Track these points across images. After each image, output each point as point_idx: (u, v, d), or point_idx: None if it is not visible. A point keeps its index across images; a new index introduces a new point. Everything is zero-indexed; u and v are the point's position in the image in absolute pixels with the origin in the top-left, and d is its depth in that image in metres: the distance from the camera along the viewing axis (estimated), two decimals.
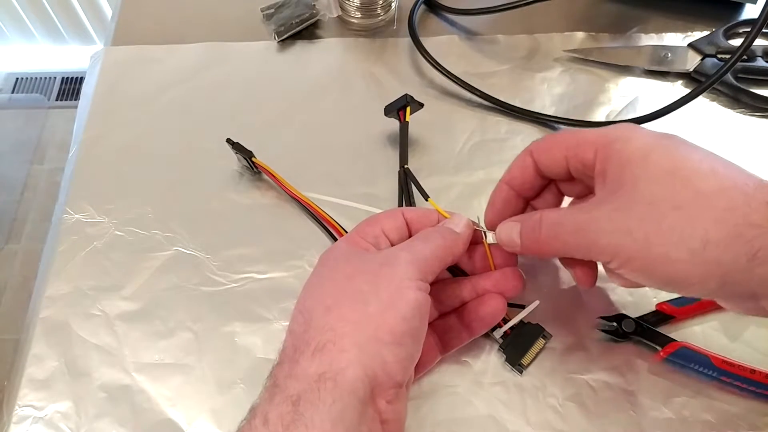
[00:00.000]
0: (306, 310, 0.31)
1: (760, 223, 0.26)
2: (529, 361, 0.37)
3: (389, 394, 0.29)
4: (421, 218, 0.36)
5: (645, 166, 0.29)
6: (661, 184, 0.28)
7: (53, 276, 0.42)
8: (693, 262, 0.27)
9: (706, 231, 0.27)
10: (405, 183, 0.43)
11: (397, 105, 0.45)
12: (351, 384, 0.28)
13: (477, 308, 0.35)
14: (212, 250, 0.43)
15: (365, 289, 0.30)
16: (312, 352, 0.29)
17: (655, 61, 0.51)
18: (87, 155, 0.48)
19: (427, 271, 0.31)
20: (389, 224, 0.35)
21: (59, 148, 1.50)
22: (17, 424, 0.37)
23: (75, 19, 1.48)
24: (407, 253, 0.32)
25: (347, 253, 0.33)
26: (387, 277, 0.30)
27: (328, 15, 0.55)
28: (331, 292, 0.31)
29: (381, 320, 0.29)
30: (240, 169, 0.47)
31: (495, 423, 0.36)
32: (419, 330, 0.30)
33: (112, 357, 0.39)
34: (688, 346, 0.36)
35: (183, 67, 0.53)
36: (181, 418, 0.36)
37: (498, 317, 0.35)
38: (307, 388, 0.27)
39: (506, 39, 0.54)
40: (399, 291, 0.30)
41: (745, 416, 0.35)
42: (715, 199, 0.27)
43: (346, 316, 0.29)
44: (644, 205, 0.28)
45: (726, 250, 0.26)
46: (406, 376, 0.30)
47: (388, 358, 0.29)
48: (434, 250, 0.32)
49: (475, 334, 0.36)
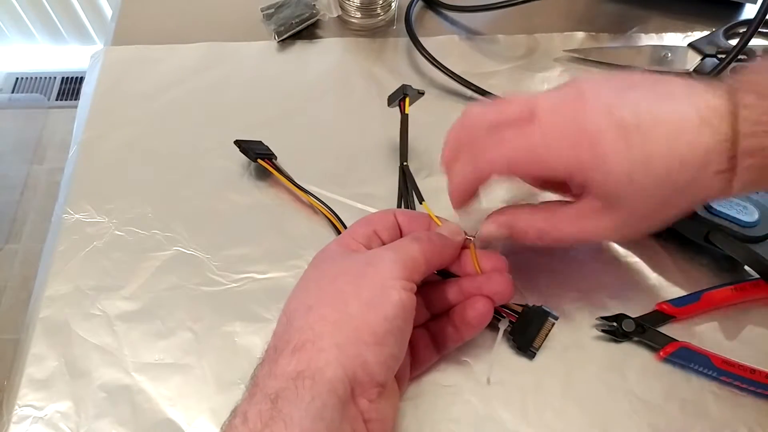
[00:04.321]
0: (289, 311, 0.31)
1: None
2: (540, 343, 0.36)
3: (371, 394, 0.29)
4: (412, 222, 0.36)
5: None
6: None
7: (53, 276, 0.42)
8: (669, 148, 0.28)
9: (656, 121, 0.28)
10: (404, 182, 0.43)
11: (397, 96, 0.44)
12: (330, 383, 0.28)
13: (463, 312, 0.35)
14: (212, 250, 0.43)
15: (347, 289, 0.30)
16: (291, 351, 0.29)
17: (655, 61, 0.51)
18: (87, 155, 0.48)
19: (414, 271, 0.31)
20: (381, 225, 0.35)
21: (59, 148, 1.50)
22: (17, 424, 0.37)
23: (75, 19, 1.48)
24: (393, 252, 0.31)
25: (335, 254, 0.33)
26: (370, 276, 0.30)
27: (328, 15, 0.55)
28: (314, 293, 0.31)
29: (362, 320, 0.29)
30: (240, 169, 0.47)
31: (495, 423, 0.36)
32: (403, 330, 0.30)
33: (112, 357, 0.39)
34: (688, 346, 0.36)
35: (183, 67, 0.53)
36: (181, 418, 0.36)
37: (484, 321, 0.35)
38: (285, 386, 0.28)
39: (506, 39, 0.54)
40: (383, 290, 0.30)
41: (745, 416, 0.35)
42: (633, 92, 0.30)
43: (326, 316, 0.29)
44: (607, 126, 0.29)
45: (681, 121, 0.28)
46: (389, 376, 0.30)
47: (369, 358, 0.29)
48: (422, 251, 0.32)
49: (466, 337, 0.36)
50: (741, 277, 0.39)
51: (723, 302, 0.38)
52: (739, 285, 0.38)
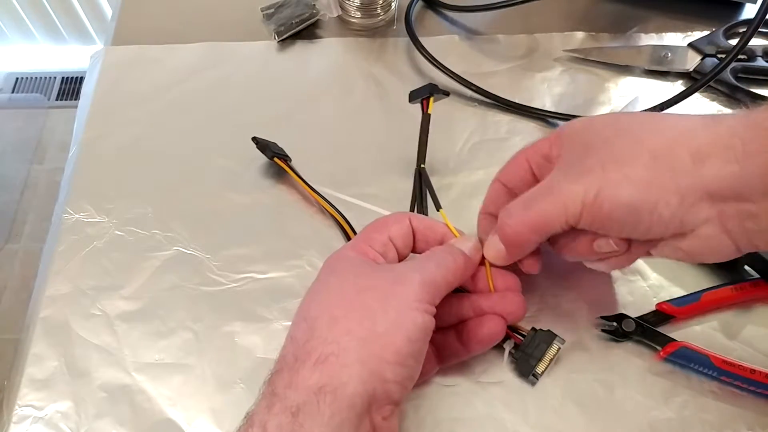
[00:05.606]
0: (310, 318, 0.31)
1: (694, 127, 0.29)
2: (543, 369, 0.35)
3: (385, 411, 0.29)
4: (427, 230, 0.35)
5: (588, 126, 0.32)
6: (605, 128, 0.31)
7: (53, 276, 0.42)
8: (648, 179, 0.28)
9: (652, 146, 0.29)
10: (419, 185, 0.41)
11: (421, 94, 0.43)
12: (350, 399, 0.28)
13: (476, 328, 0.34)
14: (212, 250, 0.43)
15: (375, 306, 0.30)
16: (313, 363, 0.28)
17: (655, 60, 0.51)
18: (87, 155, 0.48)
19: (436, 295, 0.31)
20: (396, 231, 0.34)
21: (59, 148, 1.50)
22: (17, 424, 0.37)
23: (75, 19, 1.48)
24: (420, 274, 0.31)
25: (356, 263, 0.33)
26: (398, 296, 0.30)
27: (328, 15, 0.55)
28: (338, 303, 0.31)
29: (387, 340, 0.29)
30: (240, 169, 0.47)
31: (495, 423, 0.36)
32: (422, 352, 0.31)
33: (112, 357, 0.39)
34: (688, 346, 0.36)
35: (183, 67, 0.53)
36: (181, 418, 0.36)
37: (496, 339, 0.35)
38: (307, 400, 0.27)
39: (506, 39, 0.54)
40: (408, 312, 0.30)
41: (745, 416, 0.35)
42: (653, 123, 0.30)
43: (352, 331, 0.29)
44: (596, 147, 0.31)
45: (671, 156, 0.28)
46: (404, 396, 0.30)
47: (389, 376, 0.29)
48: (445, 275, 0.32)
49: (472, 353, 0.35)
50: (741, 277, 0.39)
51: (723, 302, 0.38)
52: (739, 285, 0.38)
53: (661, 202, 0.28)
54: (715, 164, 0.27)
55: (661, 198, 0.28)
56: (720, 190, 0.28)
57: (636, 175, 0.29)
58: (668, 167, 0.28)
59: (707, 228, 0.28)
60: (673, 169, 0.28)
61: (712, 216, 0.28)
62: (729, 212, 0.28)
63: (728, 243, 0.29)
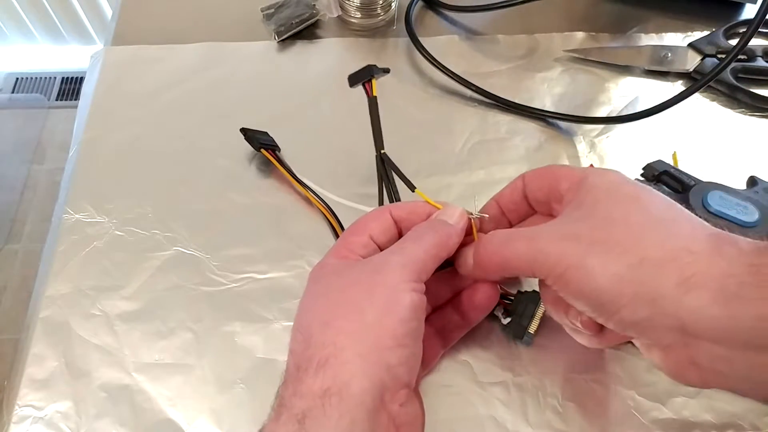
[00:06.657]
0: (303, 328, 0.31)
1: (696, 251, 0.26)
2: (535, 328, 0.36)
3: (400, 397, 0.29)
4: (410, 215, 0.35)
5: (609, 191, 0.30)
6: (620, 204, 0.29)
7: (53, 276, 0.42)
8: (627, 279, 0.27)
9: (646, 249, 0.27)
10: (384, 171, 0.39)
11: (362, 77, 0.40)
12: (357, 397, 0.27)
13: (471, 296, 0.35)
14: (212, 250, 0.43)
15: (361, 299, 0.30)
16: (315, 369, 0.28)
17: (655, 61, 0.51)
18: (87, 155, 0.48)
19: (422, 271, 0.31)
20: (376, 228, 0.34)
21: (59, 148, 1.50)
22: (17, 424, 0.37)
23: (75, 19, 1.48)
24: (399, 256, 0.31)
25: (338, 267, 0.33)
26: (381, 283, 0.30)
27: (328, 15, 0.55)
28: (326, 307, 0.31)
29: (380, 327, 0.29)
30: (240, 169, 0.47)
31: (495, 423, 0.36)
32: (418, 329, 0.30)
33: (112, 357, 0.39)
34: None
35: (183, 67, 0.53)
36: (181, 418, 0.36)
37: (493, 303, 0.35)
38: (312, 405, 0.27)
39: (506, 39, 0.54)
40: (394, 295, 0.30)
41: (745, 416, 0.35)
42: (664, 225, 0.28)
43: (344, 329, 0.29)
44: (599, 219, 0.29)
45: (659, 270, 0.26)
46: (413, 376, 0.30)
47: (392, 361, 0.29)
48: (428, 249, 0.32)
49: (472, 323, 0.36)
50: None
51: None
52: None
53: (627, 308, 0.27)
54: (701, 298, 0.25)
55: (629, 304, 0.27)
56: (695, 328, 0.26)
57: (615, 271, 0.27)
58: (651, 278, 0.26)
59: (673, 353, 0.27)
60: (655, 283, 0.26)
61: (677, 344, 0.27)
62: (701, 348, 0.26)
63: (695, 376, 0.27)
